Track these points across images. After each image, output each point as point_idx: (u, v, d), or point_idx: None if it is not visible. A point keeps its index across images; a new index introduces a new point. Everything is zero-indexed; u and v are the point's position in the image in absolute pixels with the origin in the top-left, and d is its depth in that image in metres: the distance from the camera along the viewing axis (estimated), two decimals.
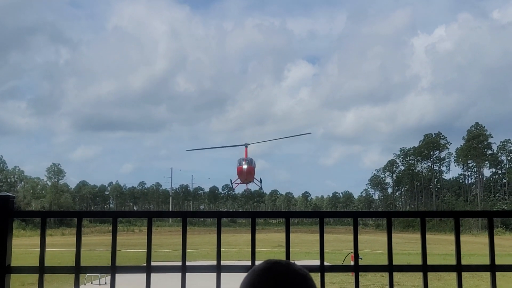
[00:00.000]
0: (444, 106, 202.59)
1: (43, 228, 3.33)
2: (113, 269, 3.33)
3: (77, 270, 3.32)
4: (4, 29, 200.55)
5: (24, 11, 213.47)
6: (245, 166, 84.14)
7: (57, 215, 3.00)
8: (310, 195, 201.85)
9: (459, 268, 3.32)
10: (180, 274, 3.35)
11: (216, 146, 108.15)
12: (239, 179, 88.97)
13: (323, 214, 3.40)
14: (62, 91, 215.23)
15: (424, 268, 3.30)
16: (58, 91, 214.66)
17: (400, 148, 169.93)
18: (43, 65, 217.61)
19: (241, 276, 1.92)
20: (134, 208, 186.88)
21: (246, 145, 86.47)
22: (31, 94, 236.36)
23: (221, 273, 3.32)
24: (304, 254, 43.17)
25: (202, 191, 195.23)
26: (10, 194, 3.36)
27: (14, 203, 3.42)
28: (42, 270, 3.31)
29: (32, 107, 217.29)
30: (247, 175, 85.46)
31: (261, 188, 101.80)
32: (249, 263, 3.32)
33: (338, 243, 58.66)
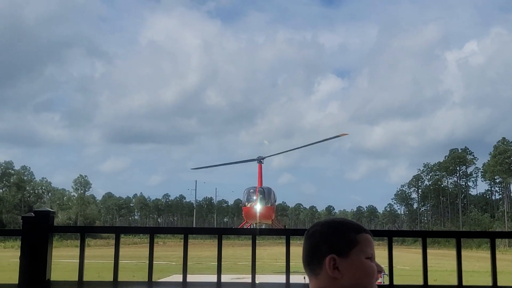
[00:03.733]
0: (475, 121, 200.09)
1: (82, 243, 3.41)
2: (149, 285, 3.39)
3: (115, 284, 3.38)
4: (41, 42, 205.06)
5: (60, 25, 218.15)
6: (257, 206, 44.96)
7: (96, 231, 3.08)
8: (334, 209, 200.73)
9: None
10: None
11: (223, 163, 63.14)
12: (246, 222, 49.00)
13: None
14: (95, 103, 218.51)
15: None
16: (91, 103, 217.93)
17: (424, 163, 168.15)
18: (77, 78, 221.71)
19: None
20: (158, 220, 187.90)
21: (259, 160, 48.58)
22: (64, 106, 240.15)
23: None
24: None
25: (226, 204, 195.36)
26: (50, 210, 3.45)
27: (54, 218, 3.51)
28: (81, 284, 3.38)
29: (65, 119, 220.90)
30: (261, 218, 45.95)
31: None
32: (279, 278, 3.37)
33: None
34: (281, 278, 3.40)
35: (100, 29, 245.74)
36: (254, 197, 46.34)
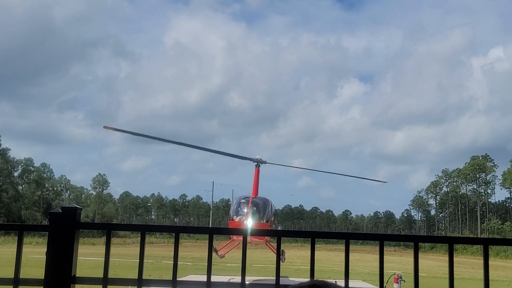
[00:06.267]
0: (498, 128, 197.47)
1: (108, 240, 3.43)
2: (174, 283, 3.40)
3: (140, 282, 3.40)
4: (68, 42, 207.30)
5: (87, 25, 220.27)
6: (248, 221, 29.60)
7: (122, 228, 3.10)
8: (351, 213, 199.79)
9: None
10: None
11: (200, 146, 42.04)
12: (233, 241, 30.35)
13: (383, 237, 3.40)
14: (119, 103, 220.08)
15: None
16: (115, 103, 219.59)
17: (442, 170, 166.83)
18: (102, 78, 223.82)
19: None
20: (175, 220, 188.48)
21: (258, 163, 33.79)
22: (88, 105, 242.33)
23: None
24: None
25: None
26: (77, 206, 3.47)
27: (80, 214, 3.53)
28: (105, 281, 3.41)
29: (88, 118, 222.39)
30: (251, 237, 21.50)
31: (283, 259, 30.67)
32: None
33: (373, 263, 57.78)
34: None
35: (126, 30, 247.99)
36: (245, 210, 32.92)
